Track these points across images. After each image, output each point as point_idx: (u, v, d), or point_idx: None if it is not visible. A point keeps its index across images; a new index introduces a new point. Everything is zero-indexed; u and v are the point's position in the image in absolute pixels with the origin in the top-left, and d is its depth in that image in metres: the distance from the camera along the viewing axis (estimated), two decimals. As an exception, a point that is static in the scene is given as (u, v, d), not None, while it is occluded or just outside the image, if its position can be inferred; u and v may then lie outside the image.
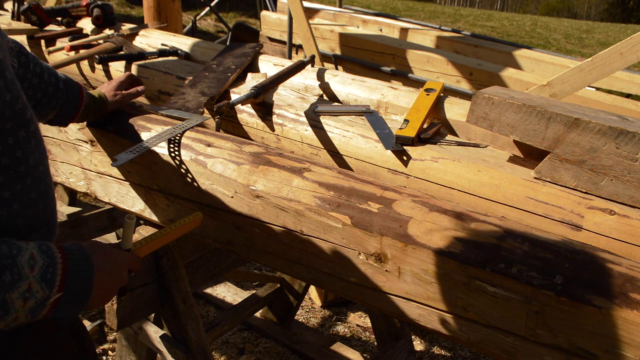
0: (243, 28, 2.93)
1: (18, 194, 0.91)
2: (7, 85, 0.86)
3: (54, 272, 0.85)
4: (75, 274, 0.88)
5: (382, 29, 4.29)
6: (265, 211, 1.31)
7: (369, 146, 1.64)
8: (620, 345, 0.89)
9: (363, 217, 1.16)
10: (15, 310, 0.81)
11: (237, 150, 1.42)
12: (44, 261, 0.84)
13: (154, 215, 1.58)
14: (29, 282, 0.81)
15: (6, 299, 0.79)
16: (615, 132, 1.24)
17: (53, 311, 0.87)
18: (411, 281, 1.11)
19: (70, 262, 0.88)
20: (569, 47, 12.88)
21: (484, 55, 3.72)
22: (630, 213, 1.21)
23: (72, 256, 0.90)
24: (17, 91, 0.89)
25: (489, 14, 18.84)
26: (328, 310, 3.07)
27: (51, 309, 0.87)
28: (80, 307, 0.91)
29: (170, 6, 4.01)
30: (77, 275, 0.89)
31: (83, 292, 0.90)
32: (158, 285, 1.65)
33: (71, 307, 0.90)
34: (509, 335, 1.01)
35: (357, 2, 14.63)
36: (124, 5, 10.41)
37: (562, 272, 0.94)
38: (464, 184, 1.42)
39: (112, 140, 1.59)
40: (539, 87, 2.37)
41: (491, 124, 1.45)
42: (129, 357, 1.95)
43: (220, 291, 3.02)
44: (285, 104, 1.90)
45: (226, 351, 2.69)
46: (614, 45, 2.20)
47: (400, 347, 2.45)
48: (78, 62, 2.67)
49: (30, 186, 0.94)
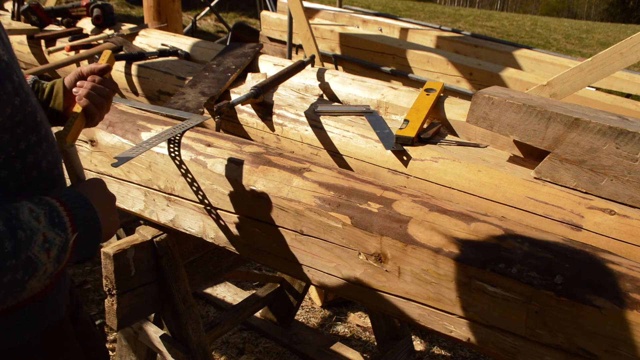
0: (243, 28, 2.93)
1: None
2: (16, 89, 0.84)
3: (60, 216, 0.85)
4: (77, 210, 0.88)
5: (382, 29, 4.29)
6: (265, 211, 1.31)
7: (369, 146, 1.64)
8: (621, 345, 0.89)
9: (363, 217, 1.16)
10: (43, 264, 0.81)
11: (237, 150, 1.42)
12: (44, 210, 0.83)
13: (154, 215, 1.58)
14: (43, 233, 0.81)
15: (30, 257, 0.79)
16: (615, 132, 1.24)
17: (75, 253, 0.88)
18: (411, 281, 1.11)
19: (67, 202, 0.88)
20: (569, 47, 12.88)
21: (484, 55, 3.72)
22: (630, 213, 1.21)
23: (65, 196, 0.89)
24: (26, 94, 0.88)
25: (489, 14, 18.84)
26: (328, 310, 3.07)
27: (73, 251, 0.87)
28: (98, 239, 0.92)
29: (170, 6, 4.01)
30: (80, 210, 0.89)
31: (93, 223, 0.90)
32: (158, 285, 1.65)
33: (90, 242, 0.90)
34: (509, 335, 1.01)
35: (357, 2, 14.63)
36: (124, 5, 10.41)
37: (562, 272, 0.94)
38: (464, 184, 1.42)
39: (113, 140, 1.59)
40: (539, 87, 2.37)
41: (491, 124, 1.45)
42: (129, 357, 1.95)
43: (220, 291, 3.02)
44: (285, 104, 1.90)
45: (226, 351, 2.69)
46: (614, 45, 2.20)
47: (400, 347, 2.44)
48: (78, 62, 2.67)
49: (43, 191, 0.92)
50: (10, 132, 0.84)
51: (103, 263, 1.54)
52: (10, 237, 0.76)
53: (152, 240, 1.60)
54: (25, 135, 0.87)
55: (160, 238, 1.61)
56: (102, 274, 1.55)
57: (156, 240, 1.60)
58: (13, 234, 0.76)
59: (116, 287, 1.53)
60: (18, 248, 0.76)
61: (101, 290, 2.96)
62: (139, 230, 1.63)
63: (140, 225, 1.67)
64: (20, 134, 0.86)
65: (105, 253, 1.52)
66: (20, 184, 0.88)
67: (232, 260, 1.91)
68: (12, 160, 0.86)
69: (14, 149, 0.85)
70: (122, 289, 1.55)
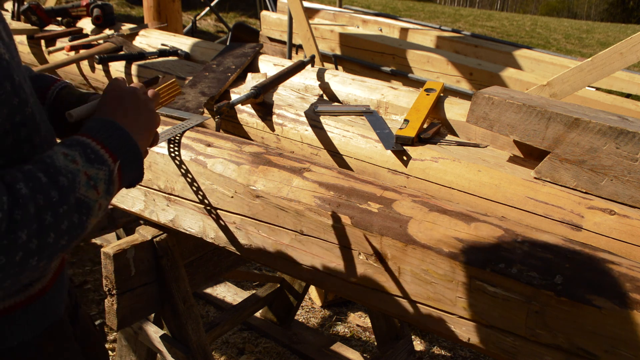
0: (243, 28, 2.93)
1: None
2: (15, 89, 0.82)
3: (95, 150, 0.84)
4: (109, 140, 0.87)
5: (382, 29, 4.29)
6: (265, 211, 1.31)
7: (369, 146, 1.64)
8: (621, 345, 0.89)
9: (363, 217, 1.16)
10: (95, 201, 0.82)
11: (237, 150, 1.42)
12: (77, 150, 0.82)
13: (154, 215, 1.58)
14: (84, 172, 0.81)
15: (80, 198, 0.79)
16: (615, 132, 1.24)
17: (123, 178, 0.88)
18: (411, 281, 1.11)
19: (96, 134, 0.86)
20: (569, 47, 12.88)
21: (484, 55, 3.72)
22: (630, 213, 1.21)
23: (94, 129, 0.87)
24: (26, 95, 0.86)
25: (489, 14, 18.84)
26: (328, 310, 3.07)
27: (120, 181, 0.87)
28: (140, 160, 0.91)
29: (170, 6, 4.01)
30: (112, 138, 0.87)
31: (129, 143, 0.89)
32: (158, 285, 1.65)
33: (134, 162, 0.90)
34: (509, 335, 1.01)
35: (357, 2, 14.63)
36: (124, 5, 10.41)
37: (562, 272, 0.94)
38: (464, 184, 1.42)
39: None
40: (539, 87, 2.37)
41: (491, 124, 1.45)
42: (129, 357, 1.95)
43: (220, 291, 3.02)
44: (285, 104, 1.90)
45: (226, 351, 2.69)
46: (614, 45, 2.20)
47: (400, 347, 2.44)
48: (78, 62, 2.67)
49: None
50: (12, 134, 0.83)
51: (103, 263, 1.54)
52: (54, 186, 0.76)
53: (152, 240, 1.60)
54: (30, 137, 0.85)
55: (160, 238, 1.61)
56: (102, 274, 1.55)
57: (156, 240, 1.60)
58: (55, 181, 0.77)
59: (116, 287, 1.53)
60: (65, 194, 0.77)
61: (101, 290, 2.96)
62: (139, 230, 1.63)
63: (140, 225, 1.68)
64: (24, 137, 0.84)
65: (105, 253, 1.52)
66: None
67: (232, 260, 1.91)
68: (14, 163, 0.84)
69: (17, 153, 0.83)
70: (122, 289, 1.55)
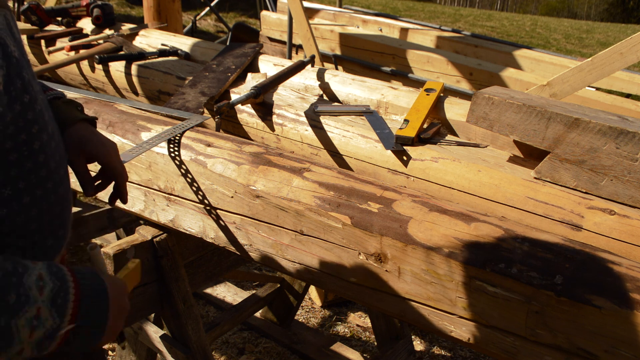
0: (243, 28, 2.93)
1: (38, 199, 0.86)
2: (25, 87, 0.82)
3: (66, 298, 0.75)
4: (89, 301, 0.78)
5: (382, 29, 4.29)
6: (265, 211, 1.31)
7: (369, 146, 1.64)
8: (621, 345, 0.89)
9: (363, 217, 1.16)
10: (20, 341, 0.70)
11: (237, 150, 1.42)
12: (54, 284, 0.74)
13: (154, 215, 1.58)
14: (38, 307, 0.71)
15: (11, 326, 0.67)
16: (615, 132, 1.24)
17: (65, 344, 0.76)
18: (411, 281, 1.11)
19: (83, 287, 0.78)
20: (569, 47, 12.88)
21: (484, 55, 3.71)
22: (630, 213, 1.21)
23: (85, 280, 0.79)
24: (35, 92, 0.85)
25: (489, 14, 18.84)
26: (328, 310, 3.07)
27: (61, 343, 0.75)
28: (93, 341, 0.80)
29: (170, 6, 4.01)
30: (92, 303, 0.78)
31: (98, 323, 0.79)
32: (158, 285, 1.65)
33: (83, 342, 0.78)
34: (509, 335, 1.01)
35: (357, 2, 14.62)
36: (124, 5, 10.41)
37: (562, 272, 0.94)
38: (464, 184, 1.42)
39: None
40: (539, 87, 2.37)
41: (491, 124, 1.45)
42: (129, 357, 1.95)
43: (220, 291, 3.02)
44: (285, 104, 1.90)
45: (226, 351, 2.69)
46: (614, 45, 2.20)
47: (400, 347, 2.44)
48: (78, 62, 2.67)
49: (50, 190, 0.89)
50: (25, 131, 0.83)
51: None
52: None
53: (152, 240, 1.60)
54: (39, 134, 0.85)
55: (160, 238, 1.61)
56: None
57: (156, 240, 1.60)
58: (5, 292, 0.68)
59: (116, 287, 1.53)
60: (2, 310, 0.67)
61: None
62: (139, 230, 1.63)
63: (140, 225, 1.68)
64: (35, 134, 0.83)
65: (105, 253, 1.52)
66: (30, 183, 0.85)
67: (232, 260, 1.91)
68: (24, 159, 0.83)
69: (28, 149, 0.83)
70: (122, 289, 1.55)
